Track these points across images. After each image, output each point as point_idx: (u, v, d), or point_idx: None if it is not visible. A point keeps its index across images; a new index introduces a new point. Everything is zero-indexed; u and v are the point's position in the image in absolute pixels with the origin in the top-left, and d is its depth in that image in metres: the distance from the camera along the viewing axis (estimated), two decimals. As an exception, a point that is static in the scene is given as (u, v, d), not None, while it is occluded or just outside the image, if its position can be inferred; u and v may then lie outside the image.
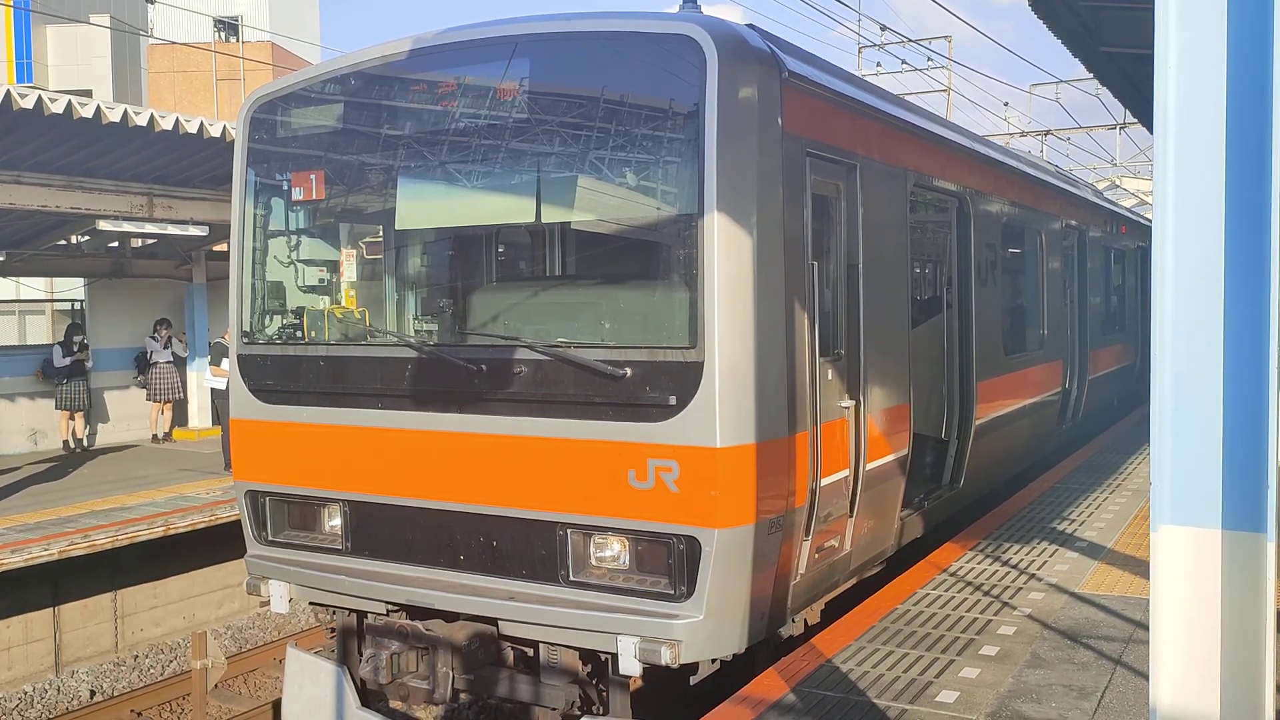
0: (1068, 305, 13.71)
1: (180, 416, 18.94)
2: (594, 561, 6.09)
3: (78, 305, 20.57)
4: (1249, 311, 2.85)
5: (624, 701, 6.13)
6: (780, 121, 6.08)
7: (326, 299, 7.62)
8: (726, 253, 5.67)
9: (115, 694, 11.31)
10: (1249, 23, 2.83)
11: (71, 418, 17.23)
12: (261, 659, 11.94)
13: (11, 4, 33.42)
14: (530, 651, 6.49)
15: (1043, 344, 12.32)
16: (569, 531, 6.06)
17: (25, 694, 11.16)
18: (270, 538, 7.28)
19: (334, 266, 7.67)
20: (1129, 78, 11.16)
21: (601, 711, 6.20)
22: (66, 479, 14.86)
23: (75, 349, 16.98)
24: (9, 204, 12.62)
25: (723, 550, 5.68)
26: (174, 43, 34.55)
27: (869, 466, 7.20)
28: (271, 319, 7.48)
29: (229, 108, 37.69)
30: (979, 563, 8.12)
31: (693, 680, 6.38)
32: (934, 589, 7.42)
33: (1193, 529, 2.95)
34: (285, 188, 7.34)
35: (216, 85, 40.06)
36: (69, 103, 10.84)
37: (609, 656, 5.94)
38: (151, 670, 12.07)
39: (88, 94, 22.77)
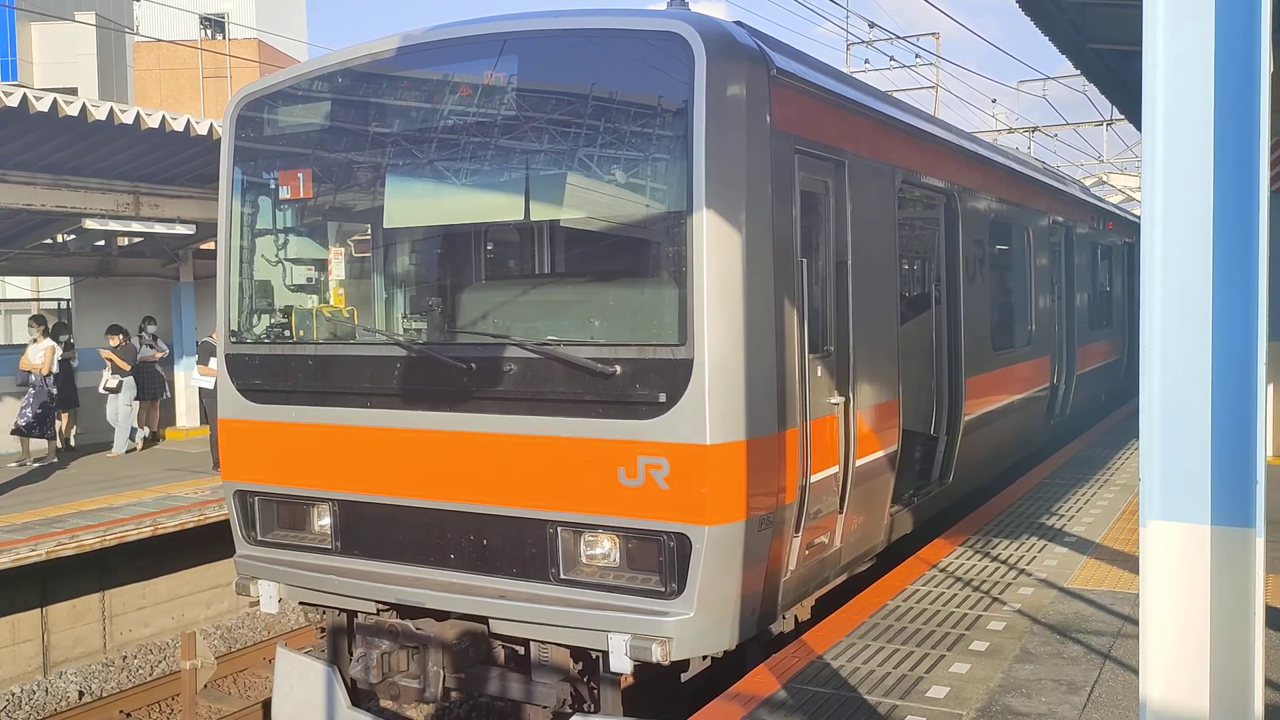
0: (1055, 301, 13.76)
1: (168, 416, 18.84)
2: (584, 559, 6.09)
3: (64, 304, 20.45)
4: (1237, 307, 2.87)
5: (615, 699, 6.13)
6: (769, 119, 6.08)
7: (314, 298, 7.59)
8: (715, 250, 5.67)
9: (104, 695, 11.25)
10: (1237, 19, 2.84)
11: (58, 417, 17.12)
12: (251, 659, 11.89)
13: (-5, 1, 33.22)
14: (521, 650, 6.49)
15: (1031, 340, 12.36)
16: (559, 530, 6.05)
17: (13, 695, 11.11)
18: (259, 537, 7.25)
19: (322, 265, 7.64)
20: (1116, 75, 11.18)
21: (593, 709, 6.19)
22: (53, 478, 14.79)
23: (62, 348, 16.89)
24: (-6, 203, 12.56)
25: (713, 547, 5.69)
26: (160, 40, 34.38)
27: (859, 463, 7.21)
28: (259, 318, 7.45)
29: (216, 105, 37.54)
30: (968, 558, 8.15)
31: (684, 677, 6.39)
32: (924, 585, 7.44)
33: (1182, 524, 2.96)
34: (272, 186, 7.31)
35: (203, 83, 39.91)
36: (54, 100, 10.78)
37: (600, 654, 5.94)
38: (140, 671, 12.02)
39: (73, 92, 22.67)
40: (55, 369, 15.67)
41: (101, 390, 16.67)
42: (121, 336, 16.65)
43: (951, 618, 6.66)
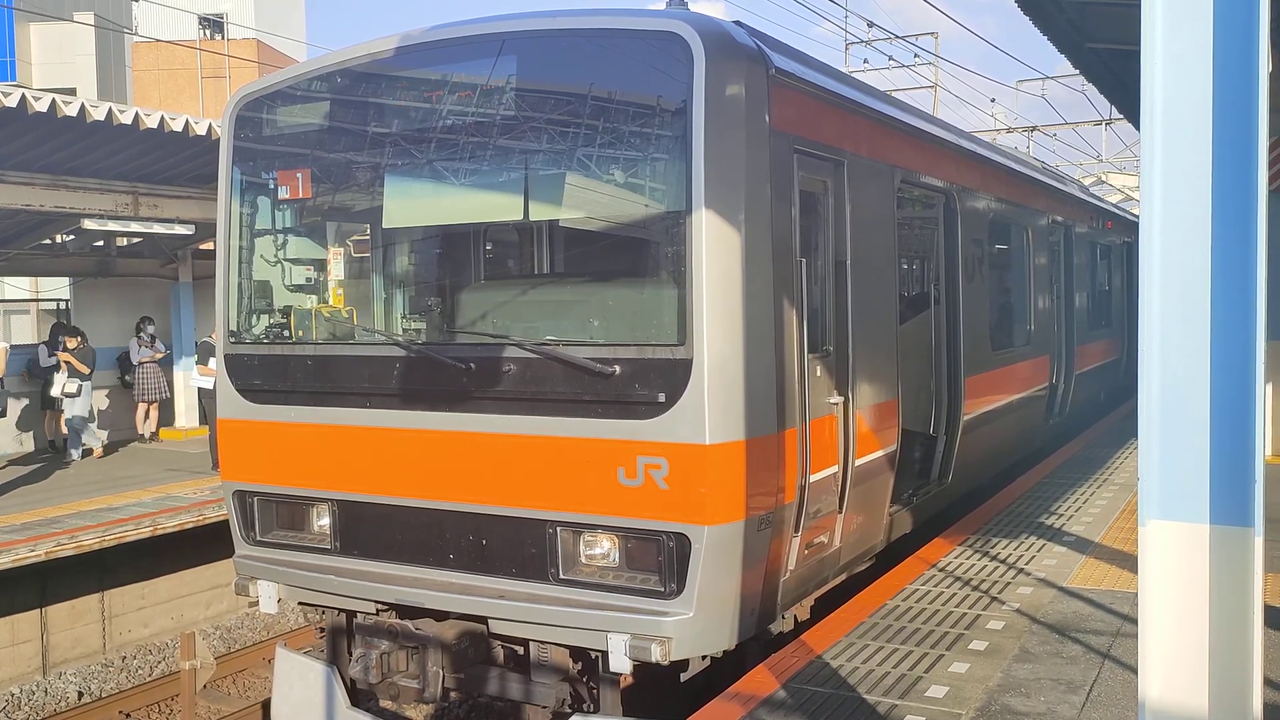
0: (1054, 301, 13.77)
1: (167, 416, 18.84)
2: (584, 559, 6.09)
3: (63, 305, 20.45)
4: (1236, 306, 2.87)
5: (614, 699, 6.13)
6: (768, 118, 6.08)
7: (314, 298, 7.59)
8: (715, 249, 5.67)
9: (103, 695, 11.25)
10: (1235, 19, 2.84)
11: (57, 418, 17.10)
12: (250, 659, 11.90)
13: (-6, 2, 33.20)
14: (520, 650, 6.49)
15: (1030, 339, 12.36)
16: (559, 529, 6.05)
17: (12, 696, 11.11)
18: (259, 538, 7.25)
19: (321, 265, 7.64)
20: (1115, 74, 11.20)
21: (592, 709, 6.19)
22: (53, 479, 14.78)
23: (60, 349, 16.86)
24: (-7, 203, 12.55)
25: (712, 547, 5.69)
26: (158, 40, 34.37)
27: (858, 462, 7.21)
28: (258, 318, 7.45)
29: (214, 106, 37.54)
30: (967, 558, 8.15)
31: (683, 677, 6.39)
32: (923, 584, 7.44)
33: (1180, 524, 2.97)
34: (271, 186, 7.31)
35: (202, 83, 39.92)
36: (53, 101, 10.77)
37: (599, 654, 5.94)
38: (140, 671, 12.02)
39: (72, 92, 22.66)
40: (3, 370, 15.21)
41: (58, 394, 15.92)
42: (80, 339, 16.08)
43: (951, 617, 6.66)
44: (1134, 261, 18.19)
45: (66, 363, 15.78)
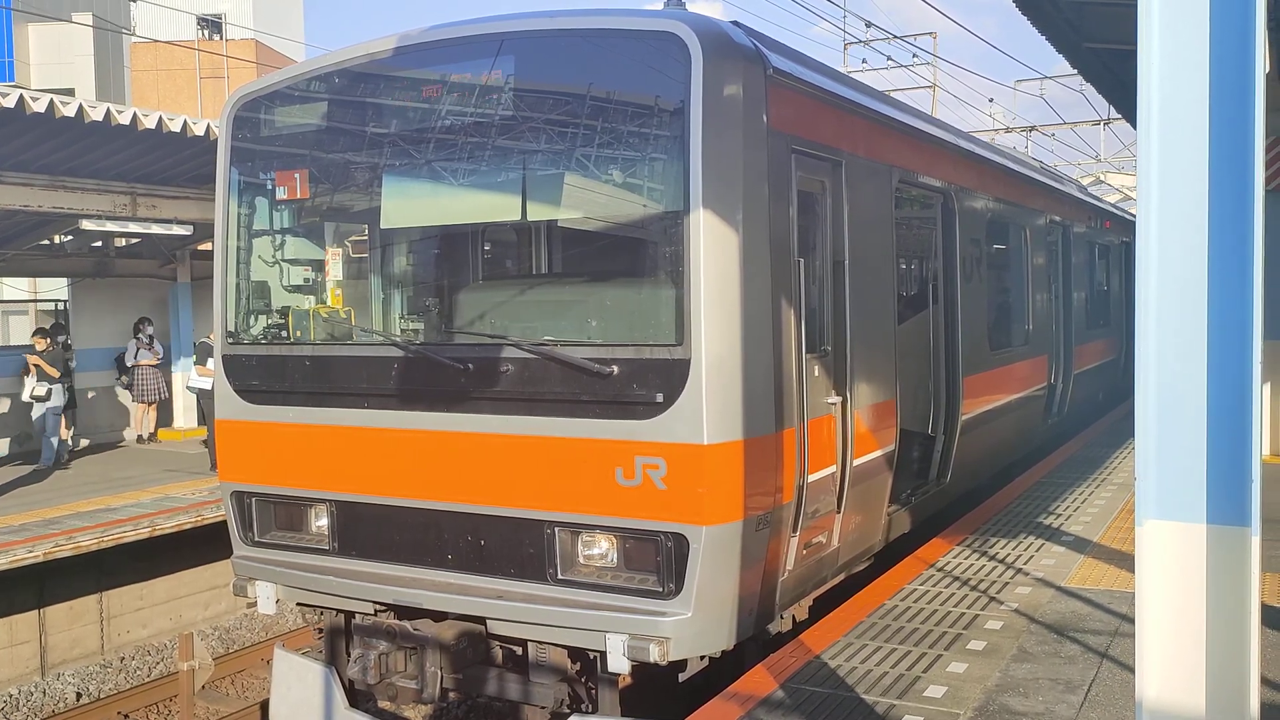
0: (1053, 300, 13.77)
1: (165, 417, 18.84)
2: (582, 560, 6.09)
3: (61, 305, 20.44)
4: (1233, 306, 2.87)
5: (613, 699, 6.13)
6: (765, 118, 6.08)
7: (312, 298, 7.59)
8: (712, 250, 5.67)
9: (102, 696, 11.25)
10: (1231, 18, 2.84)
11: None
12: (249, 660, 11.89)
13: (-8, 2, 33.19)
14: (519, 650, 6.49)
15: (1028, 339, 12.37)
16: (557, 530, 6.05)
17: (10, 696, 11.09)
18: (257, 538, 7.25)
19: (319, 265, 7.64)
20: (1114, 74, 11.21)
21: (590, 709, 6.19)
22: (51, 480, 14.77)
23: (60, 349, 16.84)
24: (-9, 204, 12.54)
25: (710, 547, 5.69)
26: (157, 41, 34.35)
27: (856, 462, 7.21)
28: (256, 319, 7.45)
29: (213, 106, 37.51)
30: (966, 558, 8.15)
31: (681, 677, 6.39)
32: (921, 584, 7.44)
33: (1178, 524, 2.97)
34: (269, 186, 7.31)
35: (200, 83, 39.90)
36: (51, 101, 10.76)
37: (597, 654, 5.94)
38: (138, 672, 12.01)
39: (70, 92, 22.67)
40: None
41: (28, 398, 15.53)
42: (49, 340, 15.77)
43: (949, 617, 6.66)
44: (1132, 261, 18.21)
45: (35, 366, 15.49)
